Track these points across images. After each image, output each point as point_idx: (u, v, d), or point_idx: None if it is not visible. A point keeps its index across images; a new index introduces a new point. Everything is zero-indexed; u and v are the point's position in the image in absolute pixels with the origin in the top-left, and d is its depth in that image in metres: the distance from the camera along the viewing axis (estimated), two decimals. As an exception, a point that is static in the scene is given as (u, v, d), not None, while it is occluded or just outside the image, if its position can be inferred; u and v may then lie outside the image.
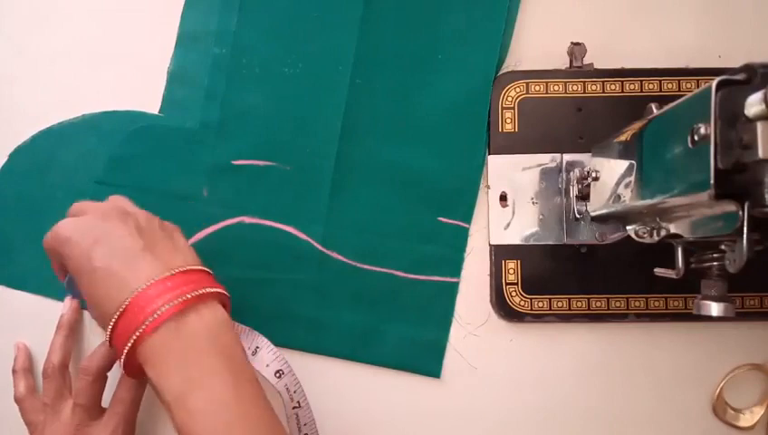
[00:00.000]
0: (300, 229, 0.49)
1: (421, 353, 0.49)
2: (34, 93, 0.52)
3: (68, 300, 0.49)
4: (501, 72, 0.50)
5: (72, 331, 0.48)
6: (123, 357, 0.37)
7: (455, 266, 0.49)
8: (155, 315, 0.36)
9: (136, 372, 0.38)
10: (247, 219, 0.49)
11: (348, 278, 0.49)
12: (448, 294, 0.49)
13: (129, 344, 0.36)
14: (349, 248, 0.49)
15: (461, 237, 0.49)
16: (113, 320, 0.37)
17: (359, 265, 0.49)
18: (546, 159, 0.49)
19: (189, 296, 0.37)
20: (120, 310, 0.36)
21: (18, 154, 0.51)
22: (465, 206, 0.49)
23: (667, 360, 0.49)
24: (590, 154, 0.47)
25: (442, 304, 0.49)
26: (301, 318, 0.49)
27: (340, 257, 0.49)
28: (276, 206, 0.49)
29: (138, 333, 0.36)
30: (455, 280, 0.49)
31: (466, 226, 0.49)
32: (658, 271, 0.39)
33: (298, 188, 0.49)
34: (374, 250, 0.49)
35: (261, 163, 0.50)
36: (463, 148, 0.49)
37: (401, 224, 0.49)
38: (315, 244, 0.49)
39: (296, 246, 0.49)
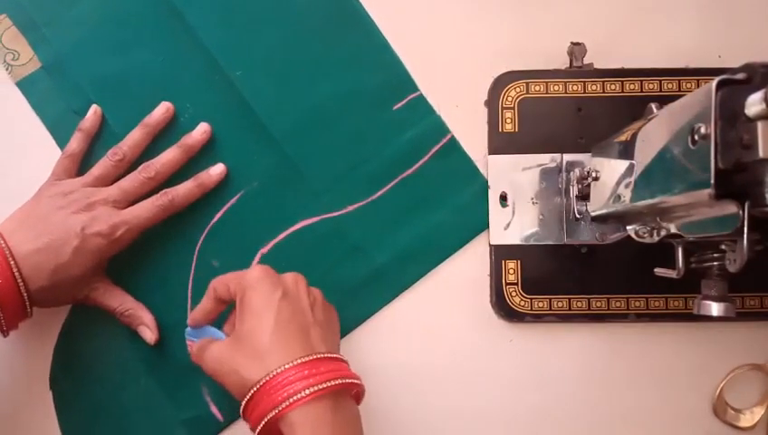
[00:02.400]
0: (308, 217, 0.50)
1: (465, 215, 0.49)
2: None
3: (162, 105, 0.50)
4: (501, 73, 0.50)
5: (154, 131, 0.49)
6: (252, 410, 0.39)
7: (437, 129, 0.50)
8: (300, 395, 0.37)
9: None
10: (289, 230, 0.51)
11: (370, 217, 0.50)
12: (452, 151, 0.50)
13: (275, 412, 0.37)
14: (351, 195, 0.50)
15: (422, 105, 0.50)
16: (262, 382, 0.38)
17: (370, 199, 0.50)
18: (546, 159, 0.49)
19: (331, 384, 0.38)
20: (275, 371, 0.38)
21: None
22: (400, 79, 0.50)
23: (667, 360, 0.49)
24: (590, 154, 0.47)
25: (452, 163, 0.50)
26: (362, 282, 0.49)
27: (353, 207, 0.50)
28: (278, 212, 0.50)
29: (284, 406, 0.37)
30: (446, 139, 0.50)
31: (416, 94, 0.50)
32: (658, 271, 0.39)
33: (277, 191, 0.50)
34: (371, 177, 0.50)
35: (235, 199, 0.50)
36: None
37: (371, 140, 0.50)
38: (328, 215, 0.50)
39: (316, 232, 0.50)
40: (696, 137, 0.30)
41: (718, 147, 0.29)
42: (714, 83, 0.29)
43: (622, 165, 0.40)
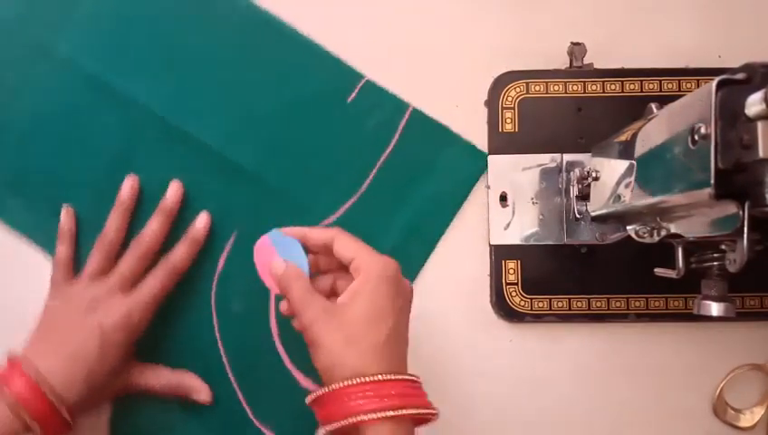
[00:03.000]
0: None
1: (454, 175, 0.50)
2: None
3: (128, 179, 0.49)
4: (501, 73, 0.50)
5: (130, 209, 0.49)
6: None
7: (397, 105, 0.50)
8: (386, 413, 0.36)
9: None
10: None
11: (365, 209, 0.50)
12: (418, 121, 0.50)
13: (355, 419, 0.36)
14: (339, 196, 0.50)
15: (373, 89, 0.50)
16: (346, 383, 0.37)
17: (359, 193, 0.50)
18: (546, 159, 0.49)
19: (406, 413, 0.37)
20: (361, 380, 0.36)
21: None
22: (342, 72, 0.51)
23: (667, 360, 0.49)
24: (590, 154, 0.47)
25: (423, 132, 0.50)
26: None
27: (345, 206, 0.50)
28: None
29: (365, 418, 0.36)
30: (408, 112, 0.50)
31: (363, 81, 0.50)
32: (658, 271, 0.39)
33: (268, 219, 0.49)
34: (352, 172, 0.50)
35: (231, 240, 0.50)
36: None
37: (338, 138, 0.50)
38: (325, 222, 0.50)
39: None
40: (696, 137, 0.30)
41: (718, 147, 0.29)
42: (714, 83, 0.29)
43: (622, 165, 0.40)
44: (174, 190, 0.49)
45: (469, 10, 0.51)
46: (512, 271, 0.48)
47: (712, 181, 0.29)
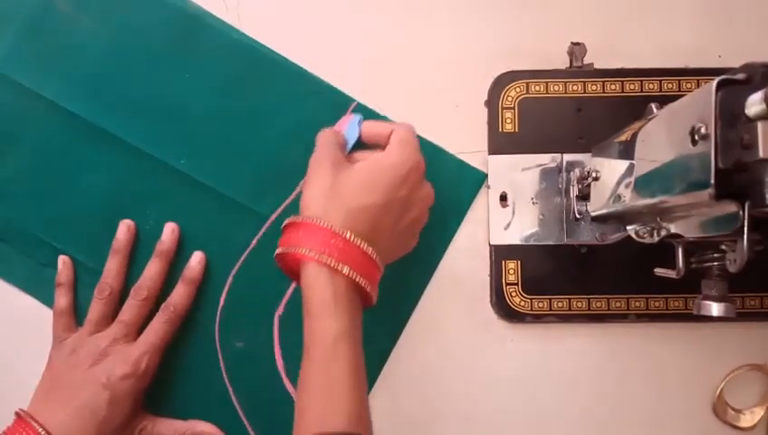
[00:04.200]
0: None
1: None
2: None
3: (123, 224, 0.49)
4: (501, 73, 0.50)
5: (127, 253, 0.49)
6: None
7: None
8: (316, 254, 0.37)
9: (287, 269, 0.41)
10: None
11: None
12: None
13: (289, 251, 0.39)
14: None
15: (366, 112, 0.49)
16: (305, 219, 0.39)
17: None
18: (546, 159, 0.49)
19: (345, 271, 0.38)
20: (318, 222, 0.38)
21: None
22: (333, 96, 0.50)
23: (667, 360, 0.49)
24: (590, 154, 0.47)
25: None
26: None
27: None
28: (275, 271, 0.48)
29: (305, 252, 0.38)
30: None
31: (354, 103, 0.50)
32: (658, 271, 0.39)
33: (269, 253, 0.46)
34: None
35: (231, 278, 0.50)
36: None
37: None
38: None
39: None
40: (697, 137, 0.30)
41: (718, 147, 0.29)
42: (714, 83, 0.29)
43: (622, 165, 0.40)
44: (169, 232, 0.49)
45: (469, 10, 0.51)
46: (512, 271, 0.48)
47: (712, 181, 0.29)
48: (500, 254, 0.49)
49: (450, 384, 0.49)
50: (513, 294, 0.48)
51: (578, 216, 0.47)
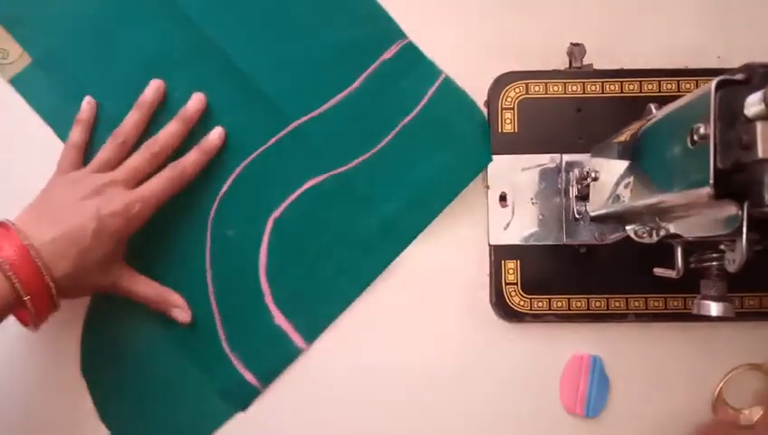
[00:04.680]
0: (315, 176, 0.50)
1: (468, 154, 0.49)
2: None
3: (153, 82, 0.49)
4: (501, 73, 0.50)
5: (151, 109, 0.49)
6: None
7: (430, 72, 0.50)
8: None
9: None
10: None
11: (375, 168, 0.50)
12: (448, 91, 0.50)
13: None
14: (354, 150, 0.50)
15: (411, 51, 0.50)
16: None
17: (373, 151, 0.50)
18: (546, 159, 0.49)
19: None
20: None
21: None
22: (385, 27, 0.50)
23: (666, 359, 0.49)
24: (589, 154, 0.47)
25: (449, 103, 0.50)
26: (374, 234, 0.50)
27: (357, 161, 0.50)
28: (285, 175, 0.50)
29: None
30: (440, 80, 0.50)
31: (405, 41, 0.50)
32: (658, 271, 0.39)
33: (281, 154, 0.50)
34: (372, 129, 0.50)
35: (241, 167, 0.51)
36: None
37: (365, 93, 0.50)
38: (334, 172, 0.50)
39: (324, 190, 0.50)
40: (696, 137, 0.30)
41: (717, 147, 0.29)
42: (713, 84, 0.29)
43: (621, 165, 0.40)
44: (196, 101, 0.49)
45: (469, 10, 0.51)
46: (511, 271, 0.48)
47: (711, 181, 0.29)
48: (499, 254, 0.49)
49: (450, 384, 0.49)
50: (513, 293, 0.48)
51: (577, 216, 0.47)
